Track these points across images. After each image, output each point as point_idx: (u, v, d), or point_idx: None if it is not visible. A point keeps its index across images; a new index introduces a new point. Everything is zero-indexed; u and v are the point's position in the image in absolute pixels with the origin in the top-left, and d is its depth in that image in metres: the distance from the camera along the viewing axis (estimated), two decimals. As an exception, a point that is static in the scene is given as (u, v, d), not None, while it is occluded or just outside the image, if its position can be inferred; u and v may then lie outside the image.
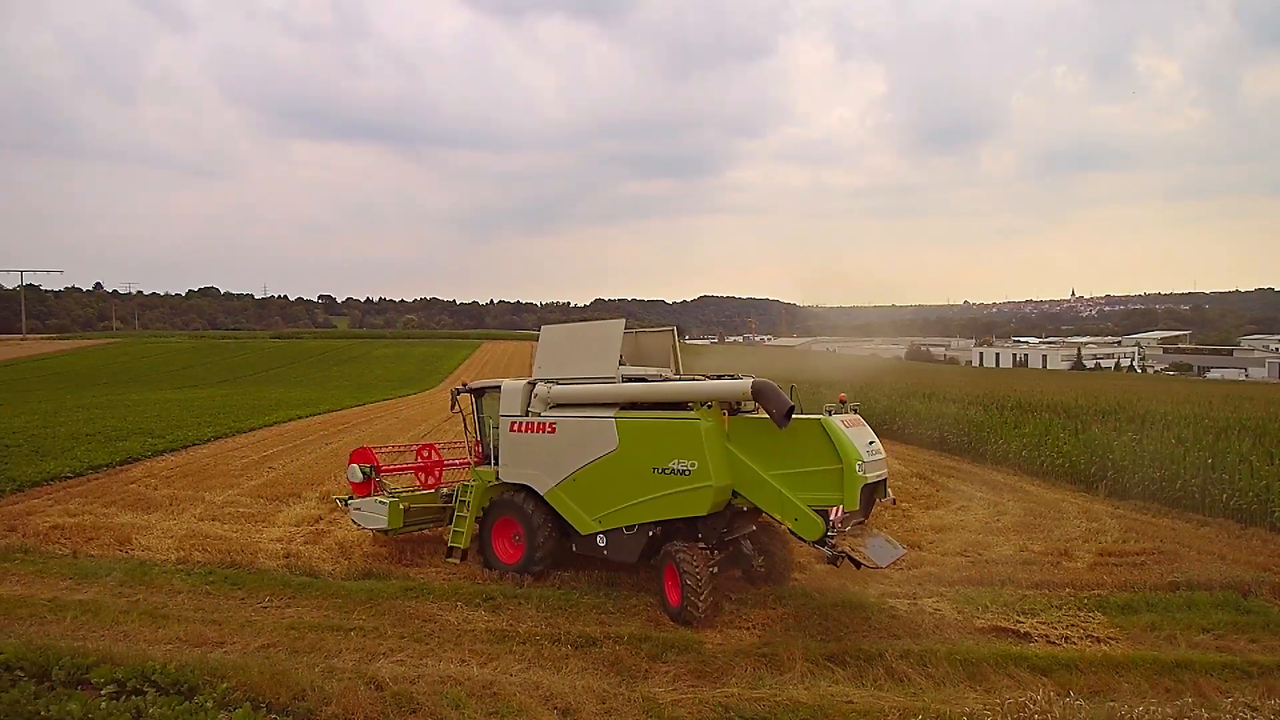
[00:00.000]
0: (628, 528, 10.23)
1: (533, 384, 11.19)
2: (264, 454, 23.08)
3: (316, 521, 14.53)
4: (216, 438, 26.71)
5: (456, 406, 12.44)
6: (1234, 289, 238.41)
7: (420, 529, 12.99)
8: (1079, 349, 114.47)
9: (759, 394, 9.10)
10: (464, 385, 12.67)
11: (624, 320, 10.85)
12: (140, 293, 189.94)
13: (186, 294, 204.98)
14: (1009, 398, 30.92)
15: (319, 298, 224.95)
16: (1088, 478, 18.74)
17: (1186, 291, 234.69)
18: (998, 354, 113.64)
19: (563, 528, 10.91)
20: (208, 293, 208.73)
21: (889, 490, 9.74)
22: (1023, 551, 12.76)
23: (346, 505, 13.03)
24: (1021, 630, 9.23)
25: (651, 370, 11.57)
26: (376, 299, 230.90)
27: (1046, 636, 9.05)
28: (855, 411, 9.69)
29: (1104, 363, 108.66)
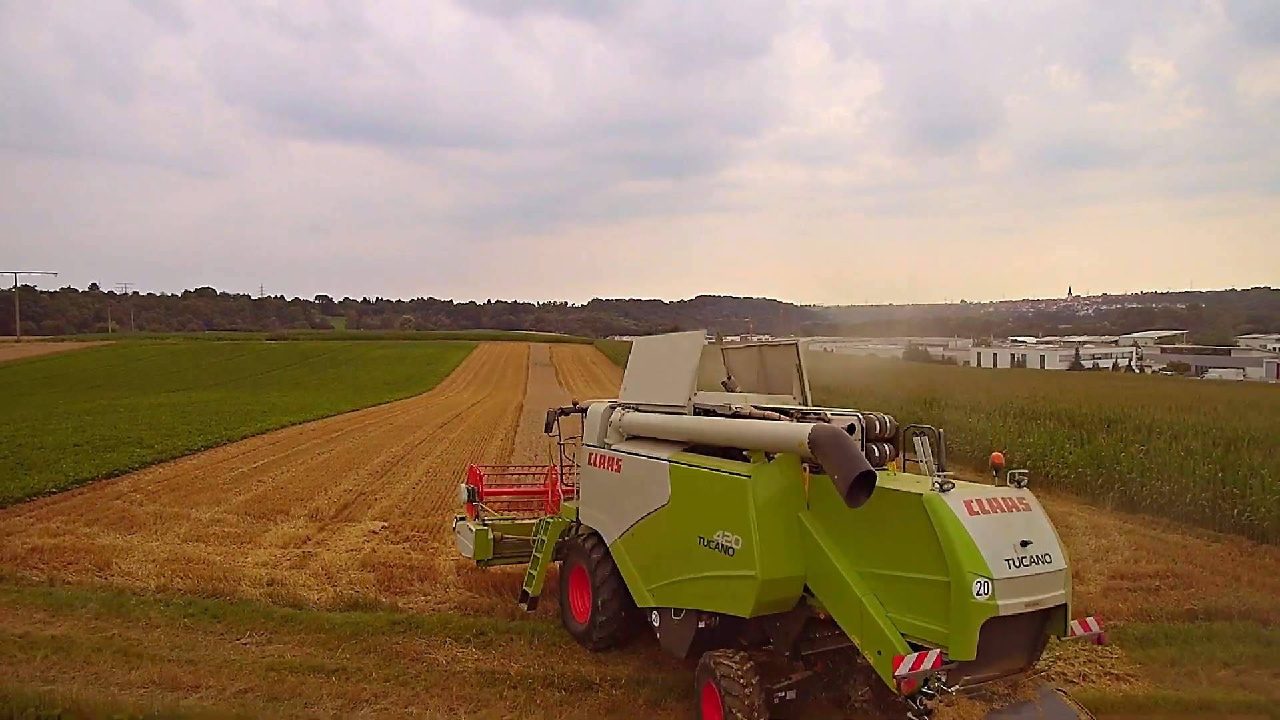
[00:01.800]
0: (675, 610, 7.97)
1: (612, 408, 9.47)
2: (254, 465, 22.63)
3: (304, 542, 14.09)
4: (207, 447, 26.24)
5: (554, 429, 10.81)
6: (1230, 288, 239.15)
7: (519, 564, 11.52)
8: (1077, 349, 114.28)
9: (817, 446, 6.09)
10: (575, 404, 11.00)
11: (704, 332, 8.75)
12: (136, 293, 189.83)
13: (183, 294, 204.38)
14: (1011, 404, 30.52)
15: (316, 298, 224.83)
16: (1094, 490, 18.37)
17: (1183, 290, 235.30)
18: (995, 354, 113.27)
19: (628, 591, 8.80)
20: (204, 293, 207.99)
21: (1083, 622, 6.24)
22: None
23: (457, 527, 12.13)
24: (1037, 667, 8.82)
25: (766, 399, 8.81)
26: (373, 299, 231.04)
27: (1064, 674, 8.65)
28: (1021, 484, 6.22)
29: (1102, 363, 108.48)
